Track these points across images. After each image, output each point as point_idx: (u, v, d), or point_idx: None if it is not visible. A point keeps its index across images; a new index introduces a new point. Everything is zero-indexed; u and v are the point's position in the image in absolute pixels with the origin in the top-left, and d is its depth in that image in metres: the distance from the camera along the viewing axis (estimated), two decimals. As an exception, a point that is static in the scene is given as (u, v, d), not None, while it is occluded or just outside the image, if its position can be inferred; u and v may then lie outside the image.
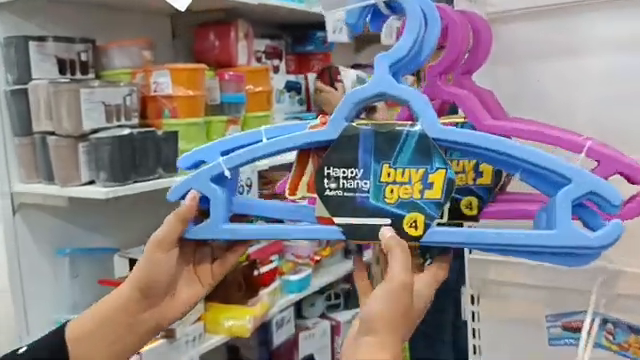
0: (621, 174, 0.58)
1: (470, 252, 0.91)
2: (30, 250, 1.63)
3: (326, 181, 0.60)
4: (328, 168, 0.60)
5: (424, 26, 0.60)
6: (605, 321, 0.74)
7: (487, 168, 0.65)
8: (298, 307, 2.25)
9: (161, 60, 1.84)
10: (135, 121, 1.58)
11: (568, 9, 0.79)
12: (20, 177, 1.59)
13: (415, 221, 0.58)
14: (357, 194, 0.59)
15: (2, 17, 1.56)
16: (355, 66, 2.51)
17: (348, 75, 2.22)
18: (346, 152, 0.59)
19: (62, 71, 1.60)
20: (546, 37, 0.82)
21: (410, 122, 0.58)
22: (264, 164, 1.94)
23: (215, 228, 0.63)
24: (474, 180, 0.65)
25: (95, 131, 1.47)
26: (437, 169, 0.57)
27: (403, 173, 0.58)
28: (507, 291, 0.90)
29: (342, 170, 0.59)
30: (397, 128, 0.58)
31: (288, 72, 2.27)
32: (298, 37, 2.34)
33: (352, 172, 0.59)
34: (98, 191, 1.43)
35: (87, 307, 0.64)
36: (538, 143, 0.63)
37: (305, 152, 0.63)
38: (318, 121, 0.64)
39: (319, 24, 2.10)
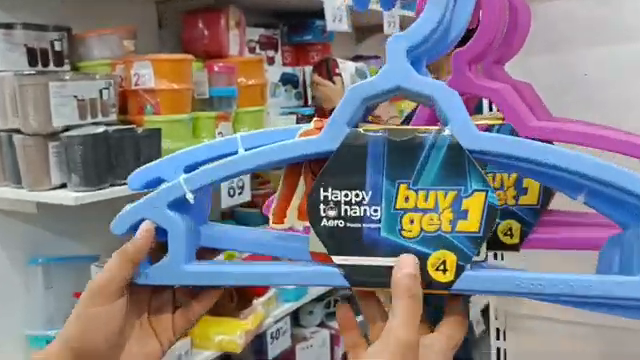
0: None
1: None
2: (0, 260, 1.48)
3: (323, 207, 0.44)
4: (325, 190, 0.44)
5: (453, 3, 0.44)
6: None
7: (533, 184, 0.51)
8: (295, 315, 2.10)
9: (146, 51, 1.68)
10: (113, 117, 1.43)
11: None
12: (-14, 179, 1.44)
13: (444, 262, 0.43)
14: (364, 225, 0.44)
15: (-35, 2, 1.42)
16: (356, 58, 2.36)
17: (346, 68, 2.06)
18: (349, 168, 0.44)
19: (33, 62, 1.45)
20: (596, 16, 0.67)
21: (436, 127, 0.43)
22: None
23: (174, 270, 0.48)
24: (515, 199, 0.51)
25: (67, 129, 1.32)
26: (474, 192, 0.42)
27: (427, 197, 0.43)
28: (540, 326, 0.75)
29: (344, 192, 0.44)
30: (419, 135, 0.42)
31: (284, 64, 2.12)
32: (295, 26, 2.18)
33: (357, 195, 0.44)
34: (69, 196, 1.28)
35: (63, 321, 0.49)
36: (599, 151, 0.48)
37: (295, 167, 0.48)
38: (312, 125, 0.48)
39: (318, 12, 1.95)
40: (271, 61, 2.06)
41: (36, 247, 1.53)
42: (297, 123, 1.97)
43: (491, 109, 0.74)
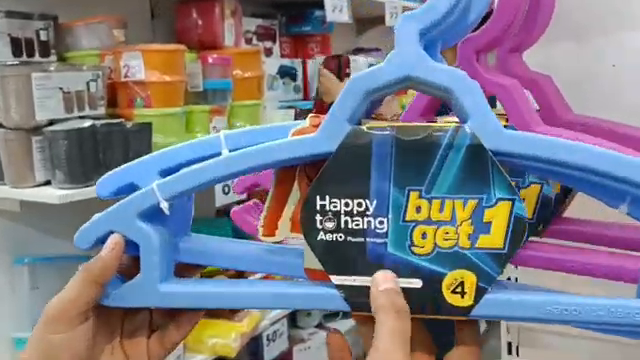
0: None
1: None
2: (-18, 259, 1.42)
3: (319, 218, 0.38)
4: (322, 198, 0.37)
5: None
6: None
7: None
8: (293, 317, 2.04)
9: (138, 41, 1.61)
10: (101, 111, 1.36)
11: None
12: (-34, 176, 1.38)
13: (462, 283, 0.36)
14: (368, 239, 0.37)
15: (-55, -11, 1.34)
16: (356, 50, 2.30)
17: (358, 66, 1.99)
18: (351, 172, 0.37)
19: (17, 53, 1.38)
20: (615, 4, 0.60)
21: (454, 123, 0.36)
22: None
23: (148, 290, 0.41)
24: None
25: (51, 123, 1.26)
26: (498, 200, 0.35)
27: (442, 207, 0.36)
28: (555, 342, 0.68)
29: (344, 201, 0.37)
30: (434, 134, 0.36)
31: (282, 56, 2.06)
32: (293, 16, 2.11)
33: (360, 204, 0.37)
34: (53, 194, 1.21)
35: None
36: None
37: (288, 171, 0.41)
38: (307, 123, 0.41)
39: (317, 2, 1.88)
40: (269, 53, 1.99)
41: (21, 247, 1.46)
42: (296, 118, 1.91)
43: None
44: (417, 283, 0.37)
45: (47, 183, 1.27)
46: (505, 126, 0.46)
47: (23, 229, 1.46)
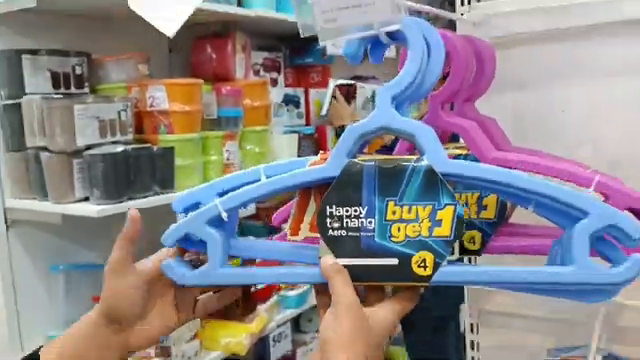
0: (631, 210, 0.56)
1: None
2: (24, 266, 1.61)
3: (329, 220, 0.57)
4: (330, 207, 0.57)
5: (427, 55, 0.57)
6: (605, 357, 0.72)
7: (491, 201, 0.63)
8: (296, 321, 2.22)
9: (157, 73, 1.82)
10: (130, 136, 1.56)
11: (576, 33, 0.77)
12: (12, 193, 1.57)
13: (424, 260, 0.55)
14: (362, 233, 0.56)
15: (-6, 30, 1.55)
16: (355, 78, 2.49)
17: (364, 92, 2.21)
18: (349, 190, 0.56)
19: (56, 85, 1.58)
20: (553, 62, 0.80)
21: (414, 156, 0.56)
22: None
23: (211, 273, 0.60)
24: (477, 214, 0.63)
25: (89, 147, 1.45)
26: (446, 205, 0.54)
27: (410, 210, 0.55)
28: (507, 321, 0.87)
29: (345, 209, 0.56)
30: (402, 163, 0.55)
31: (286, 85, 2.25)
32: (296, 49, 2.31)
33: (356, 210, 0.56)
34: (91, 209, 1.41)
35: None
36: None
37: (306, 190, 0.61)
38: (319, 157, 0.61)
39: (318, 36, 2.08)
40: (274, 83, 2.19)
41: (58, 256, 1.66)
42: (299, 141, 2.11)
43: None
44: (394, 261, 0.56)
45: (85, 199, 1.47)
46: (467, 154, 0.66)
47: (61, 241, 1.66)
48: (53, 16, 1.61)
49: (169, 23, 0.66)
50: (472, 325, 0.91)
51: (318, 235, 0.58)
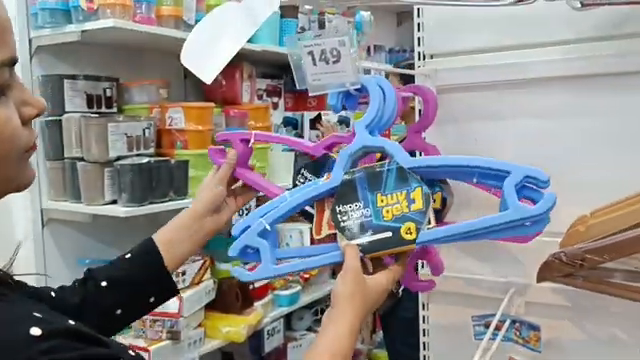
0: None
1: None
2: (55, 259, 1.87)
3: (339, 216, 0.81)
4: (339, 206, 0.81)
5: (383, 99, 0.84)
6: (514, 321, 0.99)
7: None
8: (288, 320, 2.48)
9: (174, 96, 2.10)
10: (152, 150, 1.83)
11: (498, 85, 1.05)
12: (50, 195, 1.84)
13: (409, 228, 0.79)
14: (363, 219, 0.80)
15: (40, 58, 1.83)
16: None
17: (330, 119, 2.54)
18: (348, 192, 0.81)
19: (90, 105, 1.85)
20: (481, 105, 1.08)
21: (387, 161, 0.81)
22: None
23: (267, 269, 0.85)
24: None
25: (118, 158, 1.72)
26: (415, 188, 0.78)
27: (392, 197, 0.79)
28: (448, 299, 1.14)
29: (349, 205, 0.81)
30: (379, 168, 0.80)
31: (286, 109, 2.53)
32: (296, 77, 2.59)
33: (356, 205, 0.80)
34: (119, 210, 1.68)
35: None
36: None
37: (320, 201, 0.85)
38: (326, 177, 0.86)
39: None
40: (275, 106, 2.47)
41: (86, 251, 1.92)
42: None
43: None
44: (389, 234, 0.79)
45: (113, 202, 1.74)
46: None
47: (89, 239, 1.92)
48: (89, 47, 1.89)
49: (209, 74, 0.92)
50: (424, 304, 1.18)
51: (334, 231, 0.81)
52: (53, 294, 0.90)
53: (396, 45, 3.63)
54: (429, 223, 0.79)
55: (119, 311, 0.90)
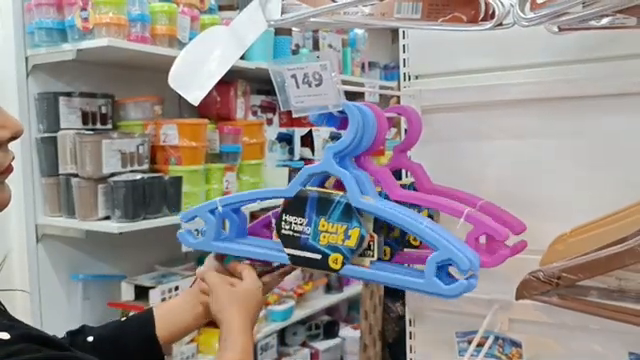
0: (487, 234, 0.85)
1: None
2: (49, 274, 1.88)
3: (283, 224, 0.86)
4: (286, 215, 0.86)
5: (362, 125, 0.86)
6: (497, 338, 1.00)
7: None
8: (282, 335, 2.49)
9: (169, 113, 2.13)
10: (146, 166, 1.86)
11: (479, 106, 1.08)
12: (44, 211, 1.86)
13: (337, 259, 0.83)
14: (302, 235, 0.85)
15: (36, 76, 1.86)
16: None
17: (319, 135, 2.56)
18: (298, 206, 0.85)
19: (85, 121, 1.88)
20: (464, 124, 1.10)
21: (341, 193, 0.83)
22: (256, 206, 2.21)
23: (207, 243, 0.91)
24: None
25: (112, 175, 1.75)
26: (354, 227, 0.82)
27: (333, 226, 0.83)
28: (434, 316, 1.16)
29: (294, 218, 0.85)
30: (332, 197, 0.83)
31: (280, 125, 2.55)
32: (290, 93, 2.62)
33: (301, 220, 0.85)
34: (112, 226, 1.70)
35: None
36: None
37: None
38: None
39: (309, 83, 2.39)
40: (270, 122, 2.50)
41: (79, 266, 1.94)
42: (289, 174, 2.41)
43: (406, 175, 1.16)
44: (318, 256, 0.83)
45: (106, 218, 1.76)
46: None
47: (82, 254, 1.94)
48: (84, 65, 1.92)
49: (197, 96, 0.95)
50: (410, 320, 1.20)
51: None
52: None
53: (391, 61, 3.66)
54: (372, 256, 0.84)
55: None
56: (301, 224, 0.85)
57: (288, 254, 0.86)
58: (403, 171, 1.16)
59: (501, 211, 0.97)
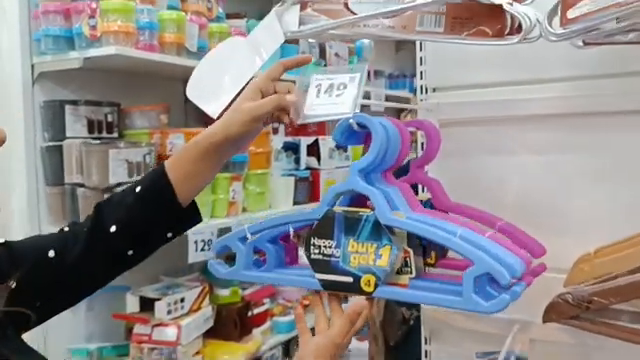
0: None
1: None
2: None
3: (312, 248, 0.83)
4: (313, 238, 0.83)
5: (386, 142, 0.83)
6: (518, 359, 0.98)
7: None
8: (287, 347, 2.45)
9: (175, 122, 2.11)
10: (152, 176, 1.83)
11: (498, 120, 1.06)
12: (49, 221, 1.83)
13: (369, 281, 0.81)
14: (332, 258, 0.82)
15: (42, 84, 1.83)
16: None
17: (326, 144, 2.55)
18: (326, 228, 0.82)
19: (91, 130, 1.85)
20: (483, 139, 1.08)
21: (368, 210, 0.82)
22: (261, 216, 2.19)
23: (237, 272, 0.90)
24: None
25: (119, 185, 1.72)
26: (385, 245, 0.80)
27: (363, 246, 0.81)
28: (451, 334, 1.13)
29: (322, 240, 0.83)
30: (359, 215, 0.81)
31: (286, 134, 2.53)
32: (297, 102, 2.60)
33: (329, 243, 0.82)
34: (119, 237, 1.67)
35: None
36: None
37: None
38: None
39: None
40: (275, 131, 2.47)
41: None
42: (295, 184, 2.39)
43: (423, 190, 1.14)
44: (350, 279, 0.81)
45: (112, 229, 1.73)
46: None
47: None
48: (91, 73, 1.90)
49: (215, 108, 0.93)
50: (426, 338, 1.17)
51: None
52: (52, 254, 0.83)
53: (395, 70, 3.65)
54: (410, 273, 0.81)
55: (131, 252, 0.86)
56: (330, 246, 0.82)
57: (319, 279, 0.83)
58: (419, 186, 1.14)
59: (520, 233, 0.95)
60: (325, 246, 0.83)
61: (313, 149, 2.51)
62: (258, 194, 2.19)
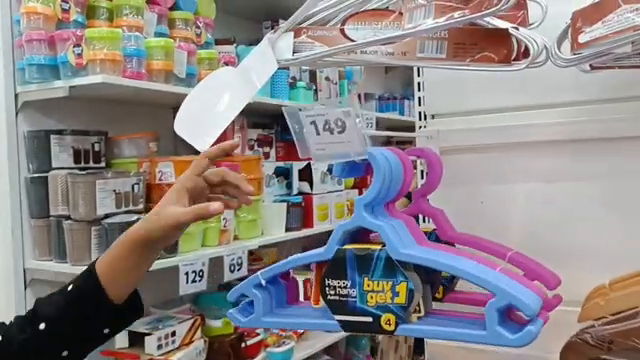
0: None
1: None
2: (38, 322, 1.78)
3: (327, 289, 0.79)
4: (328, 279, 0.79)
5: (390, 173, 0.79)
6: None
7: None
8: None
9: (164, 148, 2.06)
10: (141, 207, 1.77)
11: (502, 147, 1.02)
12: (33, 255, 1.77)
13: (389, 320, 0.76)
14: (349, 299, 0.78)
15: (26, 114, 1.78)
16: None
17: (318, 167, 2.51)
18: (338, 268, 0.78)
19: (77, 160, 1.80)
20: (486, 166, 1.04)
21: (380, 246, 0.77)
22: (254, 243, 2.14)
23: (257, 320, 0.84)
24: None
25: (107, 216, 1.66)
26: (401, 281, 0.75)
27: (378, 284, 0.76)
28: (460, 353, 1.08)
29: (337, 281, 0.78)
30: (371, 252, 0.77)
31: (277, 159, 2.49)
32: (287, 126, 2.56)
33: (344, 283, 0.78)
34: (107, 271, 1.61)
35: None
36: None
37: (319, 270, 0.82)
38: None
39: (306, 116, 2.34)
40: (267, 156, 2.43)
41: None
42: (287, 209, 2.34)
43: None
44: (369, 319, 0.76)
45: (100, 262, 1.67)
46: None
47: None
48: (77, 102, 1.86)
49: (204, 142, 0.89)
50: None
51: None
52: None
53: (385, 92, 3.64)
54: (419, 312, 0.78)
55: (65, 352, 0.81)
56: (345, 287, 0.78)
57: (338, 321, 0.79)
58: (423, 218, 1.10)
59: (533, 263, 0.90)
60: (340, 286, 0.78)
61: (305, 174, 2.47)
62: (250, 221, 2.14)
